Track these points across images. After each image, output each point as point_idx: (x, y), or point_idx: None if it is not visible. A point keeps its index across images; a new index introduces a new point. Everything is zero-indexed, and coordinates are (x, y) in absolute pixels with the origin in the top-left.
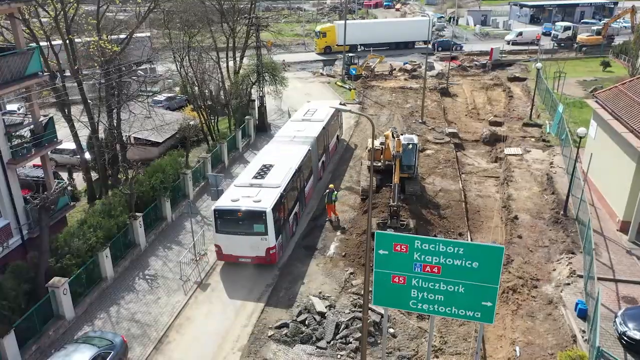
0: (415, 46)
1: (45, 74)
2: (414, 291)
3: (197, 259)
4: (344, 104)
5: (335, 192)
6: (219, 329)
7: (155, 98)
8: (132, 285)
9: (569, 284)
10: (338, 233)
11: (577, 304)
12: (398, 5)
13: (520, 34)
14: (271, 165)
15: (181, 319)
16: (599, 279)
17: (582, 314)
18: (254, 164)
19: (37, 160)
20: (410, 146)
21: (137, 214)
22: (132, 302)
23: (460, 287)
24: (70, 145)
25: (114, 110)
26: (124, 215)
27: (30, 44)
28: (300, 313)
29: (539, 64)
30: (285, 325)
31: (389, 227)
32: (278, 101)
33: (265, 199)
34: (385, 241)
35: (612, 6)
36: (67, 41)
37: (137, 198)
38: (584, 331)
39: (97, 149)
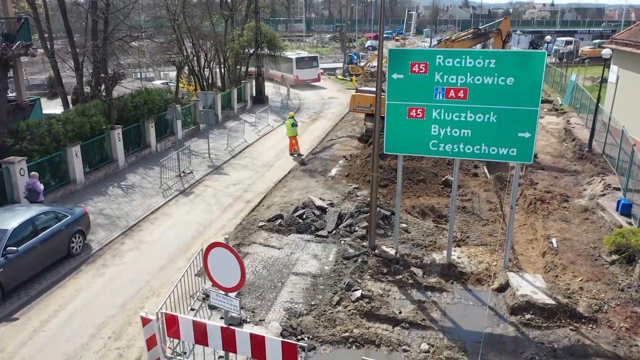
0: None
1: None
2: (434, 127)
3: (182, 175)
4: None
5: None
6: (201, 221)
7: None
8: (105, 192)
9: (604, 194)
10: (340, 161)
11: (618, 202)
12: (397, 37)
13: None
14: (300, 52)
15: (157, 214)
16: (636, 191)
17: (626, 211)
18: (290, 54)
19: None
20: None
21: (116, 125)
22: (102, 202)
23: (491, 115)
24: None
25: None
26: (99, 116)
27: None
28: (296, 209)
29: (548, 37)
30: (280, 216)
31: None
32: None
33: (312, 55)
34: (400, 60)
35: (610, 33)
36: None
37: (118, 115)
38: (630, 223)
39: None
